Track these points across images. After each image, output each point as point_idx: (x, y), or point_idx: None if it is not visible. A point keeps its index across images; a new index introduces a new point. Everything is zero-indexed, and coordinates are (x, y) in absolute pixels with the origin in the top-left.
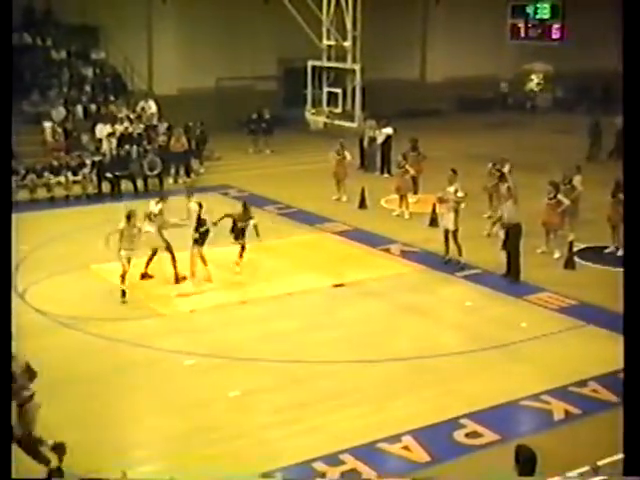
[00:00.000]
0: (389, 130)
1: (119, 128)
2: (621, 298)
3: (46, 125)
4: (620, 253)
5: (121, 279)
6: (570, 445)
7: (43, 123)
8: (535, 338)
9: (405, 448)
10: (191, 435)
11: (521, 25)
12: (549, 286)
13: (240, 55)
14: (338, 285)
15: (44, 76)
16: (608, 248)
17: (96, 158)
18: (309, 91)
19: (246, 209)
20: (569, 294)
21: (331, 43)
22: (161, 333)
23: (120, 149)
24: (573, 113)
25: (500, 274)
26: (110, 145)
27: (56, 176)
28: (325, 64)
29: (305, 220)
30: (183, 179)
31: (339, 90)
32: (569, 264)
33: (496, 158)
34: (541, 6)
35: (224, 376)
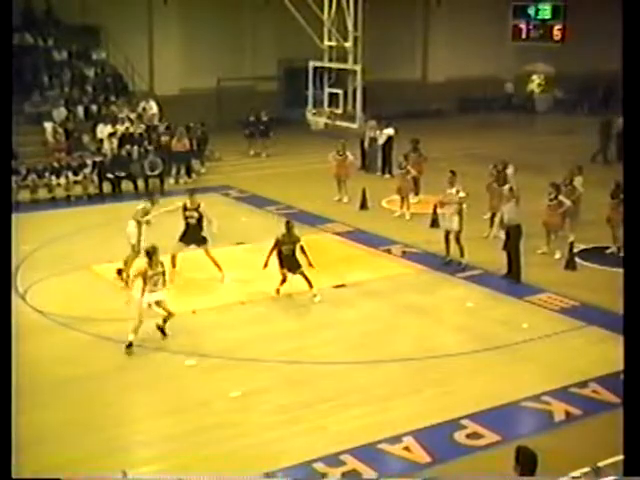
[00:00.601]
0: (390, 131)
1: (120, 128)
2: (622, 299)
3: (47, 125)
4: (622, 254)
5: (134, 331)
6: (571, 446)
7: (44, 123)
8: (536, 339)
9: (406, 449)
10: (191, 435)
11: (523, 26)
12: (550, 287)
13: (241, 55)
14: (339, 286)
15: (45, 76)
16: (609, 249)
17: (97, 158)
18: (310, 92)
19: (290, 230)
20: (570, 295)
21: (332, 44)
22: None
23: (121, 149)
24: (574, 114)
25: (501, 275)
26: (111, 145)
27: (57, 177)
28: (326, 65)
29: (306, 221)
30: (184, 179)
31: (340, 91)
32: (570, 265)
33: (497, 159)
34: (542, 7)
35: (225, 376)
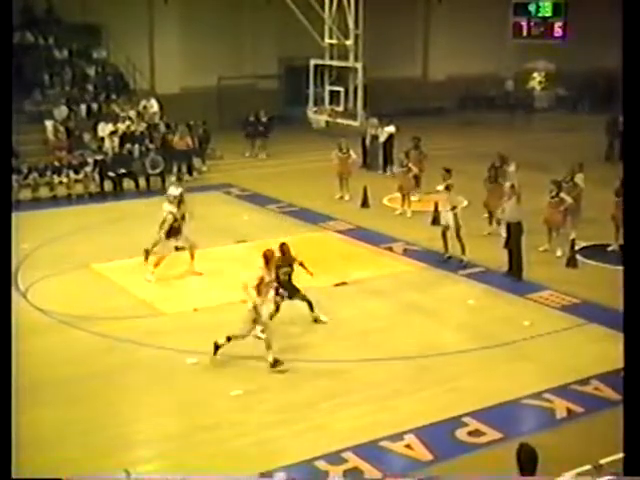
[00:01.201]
0: (391, 128)
1: (121, 127)
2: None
3: (48, 124)
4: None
5: (268, 346)
6: (572, 443)
7: (45, 122)
8: (537, 336)
9: (408, 446)
10: (193, 434)
11: (523, 23)
12: (551, 284)
13: (242, 54)
14: (340, 284)
15: (46, 75)
16: (610, 246)
17: (98, 157)
18: (311, 90)
19: (285, 253)
20: (571, 292)
21: (333, 42)
22: (164, 332)
23: (122, 148)
24: (575, 112)
25: (502, 273)
26: (112, 144)
27: (58, 175)
28: (327, 62)
29: (307, 218)
30: (185, 178)
31: (341, 88)
32: (571, 262)
33: (496, 157)
34: (543, 4)
35: (226, 375)
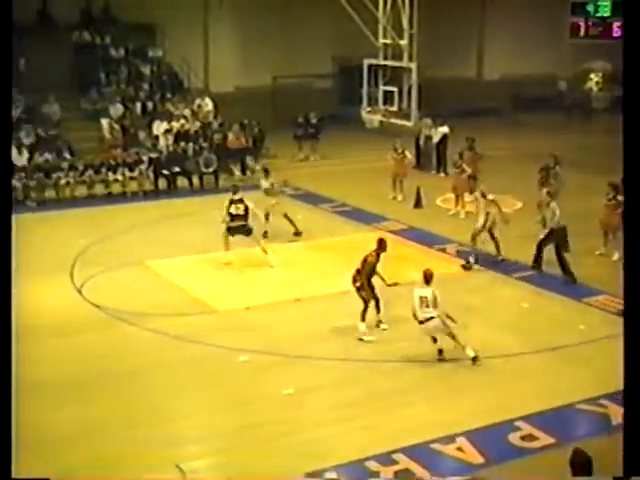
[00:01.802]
0: (445, 129)
1: (176, 125)
2: None
3: (104, 122)
4: None
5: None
6: None
7: (101, 120)
8: (593, 341)
9: (459, 449)
10: (244, 431)
11: (581, 23)
12: (608, 288)
13: (296, 53)
14: (392, 284)
15: (102, 73)
16: None
17: (153, 155)
18: (365, 89)
19: (381, 246)
20: None
21: (387, 41)
22: (216, 329)
23: (176, 146)
24: None
25: (559, 276)
26: (167, 142)
27: (114, 173)
28: (381, 62)
29: (360, 218)
30: (239, 176)
31: (395, 88)
32: None
33: (550, 158)
34: (602, 4)
35: (278, 373)
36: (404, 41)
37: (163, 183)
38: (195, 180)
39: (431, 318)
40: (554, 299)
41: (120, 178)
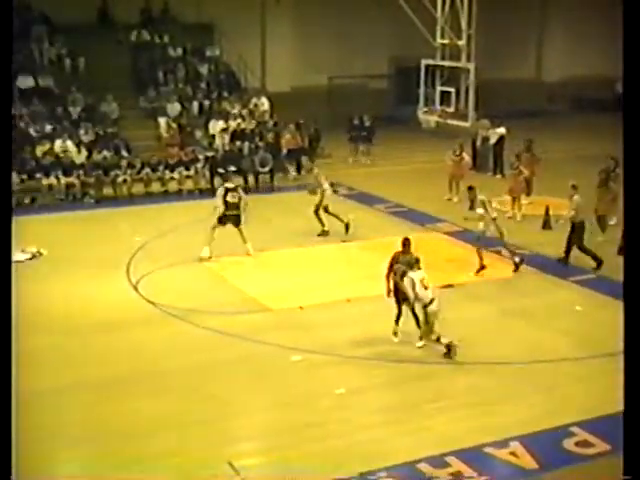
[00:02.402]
0: (502, 130)
1: (232, 124)
2: None
3: (161, 120)
4: None
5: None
6: None
7: (158, 118)
8: None
9: (512, 454)
10: (295, 430)
11: None
12: None
13: (352, 53)
14: (447, 286)
15: (160, 72)
16: None
17: (209, 153)
18: (422, 90)
19: (406, 245)
20: None
21: (445, 42)
22: (269, 328)
23: (232, 145)
24: None
25: (615, 279)
26: (223, 141)
27: (170, 171)
28: (439, 63)
29: (414, 219)
30: (294, 175)
31: (452, 89)
32: None
33: (609, 161)
34: None
35: (330, 373)
36: (462, 41)
37: (219, 182)
38: (250, 179)
39: (432, 300)
40: (610, 303)
41: (176, 176)
